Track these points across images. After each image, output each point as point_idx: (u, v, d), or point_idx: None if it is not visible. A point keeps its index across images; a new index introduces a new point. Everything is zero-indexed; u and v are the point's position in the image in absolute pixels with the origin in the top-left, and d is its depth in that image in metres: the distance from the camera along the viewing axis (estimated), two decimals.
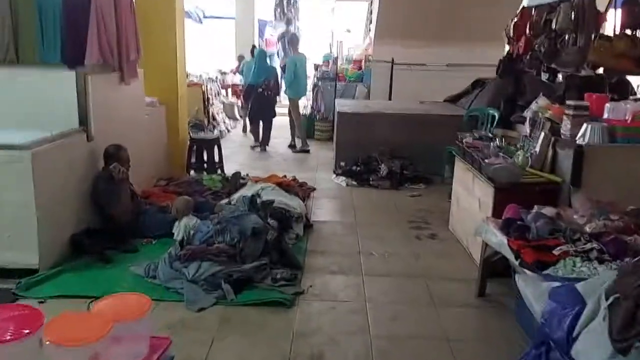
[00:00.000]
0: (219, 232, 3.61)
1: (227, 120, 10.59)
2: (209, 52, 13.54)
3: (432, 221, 5.09)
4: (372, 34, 10.18)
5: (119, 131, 4.68)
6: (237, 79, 12.09)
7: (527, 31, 5.54)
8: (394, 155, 6.69)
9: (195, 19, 13.84)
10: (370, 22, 11.46)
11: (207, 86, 9.46)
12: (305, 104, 10.25)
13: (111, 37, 4.56)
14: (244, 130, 9.96)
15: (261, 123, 8.39)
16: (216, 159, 6.66)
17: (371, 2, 12.32)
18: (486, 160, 3.91)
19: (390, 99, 9.23)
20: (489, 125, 6.18)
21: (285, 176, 6.07)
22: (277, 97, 8.90)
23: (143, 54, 5.87)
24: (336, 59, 10.17)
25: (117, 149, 4.23)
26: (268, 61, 9.12)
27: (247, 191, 4.73)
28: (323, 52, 11.76)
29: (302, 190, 5.72)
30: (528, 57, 5.67)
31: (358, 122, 6.97)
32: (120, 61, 4.68)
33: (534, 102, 4.33)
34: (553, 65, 5.04)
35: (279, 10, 18.00)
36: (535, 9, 5.35)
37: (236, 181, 5.60)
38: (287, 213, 4.37)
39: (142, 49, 5.44)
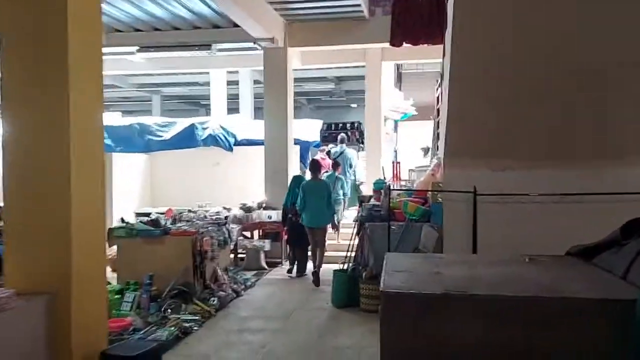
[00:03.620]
0: None
1: (239, 277, 7.55)
2: (236, 184, 11.06)
3: None
4: (441, 152, 7.13)
5: None
6: (265, 215, 9.47)
7: None
8: None
9: (225, 146, 11.57)
10: (439, 137, 8.50)
11: (203, 233, 6.56)
12: (348, 253, 7.13)
13: None
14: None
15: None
16: None
17: (437, 114, 9.50)
18: None
19: (475, 250, 5.85)
20: None
21: None
22: None
23: None
24: (389, 187, 7.09)
25: None
26: None
27: None
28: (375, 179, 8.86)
29: None
30: None
31: (424, 313, 3.60)
32: None
33: None
34: None
35: (330, 131, 15.88)
36: None
37: None
38: None
39: None
